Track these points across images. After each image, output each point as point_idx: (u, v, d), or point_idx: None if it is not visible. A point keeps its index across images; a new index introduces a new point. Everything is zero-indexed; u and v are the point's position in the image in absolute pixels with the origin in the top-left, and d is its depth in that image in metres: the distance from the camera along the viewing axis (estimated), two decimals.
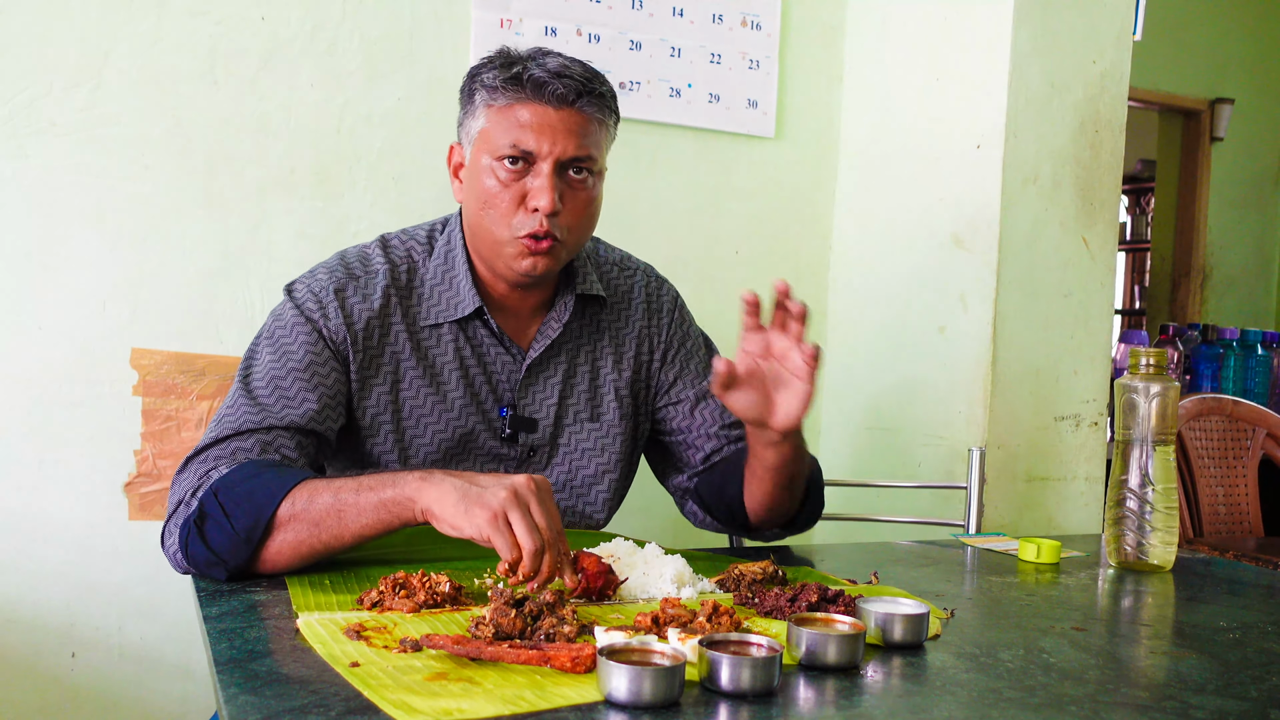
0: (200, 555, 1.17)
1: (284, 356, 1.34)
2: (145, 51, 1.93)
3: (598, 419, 1.50)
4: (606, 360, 1.51)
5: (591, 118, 1.36)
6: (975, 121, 2.17)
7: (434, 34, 2.13)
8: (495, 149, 1.34)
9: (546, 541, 1.07)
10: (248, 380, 1.33)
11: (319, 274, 1.41)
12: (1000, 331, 2.14)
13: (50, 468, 1.91)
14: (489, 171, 1.35)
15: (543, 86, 1.32)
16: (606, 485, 1.51)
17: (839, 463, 2.50)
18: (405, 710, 0.78)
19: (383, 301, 1.40)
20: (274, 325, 1.38)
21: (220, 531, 1.16)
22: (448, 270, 1.43)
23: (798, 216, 2.51)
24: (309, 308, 1.37)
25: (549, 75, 1.33)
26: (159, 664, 1.98)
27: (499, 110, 1.34)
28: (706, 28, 2.36)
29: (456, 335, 1.43)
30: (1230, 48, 4.90)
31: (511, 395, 1.45)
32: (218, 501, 1.17)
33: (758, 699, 0.84)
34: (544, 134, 1.33)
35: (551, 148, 1.33)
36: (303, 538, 1.16)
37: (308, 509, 1.16)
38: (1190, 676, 0.97)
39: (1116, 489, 1.47)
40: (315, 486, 1.17)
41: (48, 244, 1.89)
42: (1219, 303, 5.00)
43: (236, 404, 1.31)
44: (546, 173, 1.33)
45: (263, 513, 1.15)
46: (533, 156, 1.33)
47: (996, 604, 1.23)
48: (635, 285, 1.57)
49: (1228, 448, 2.55)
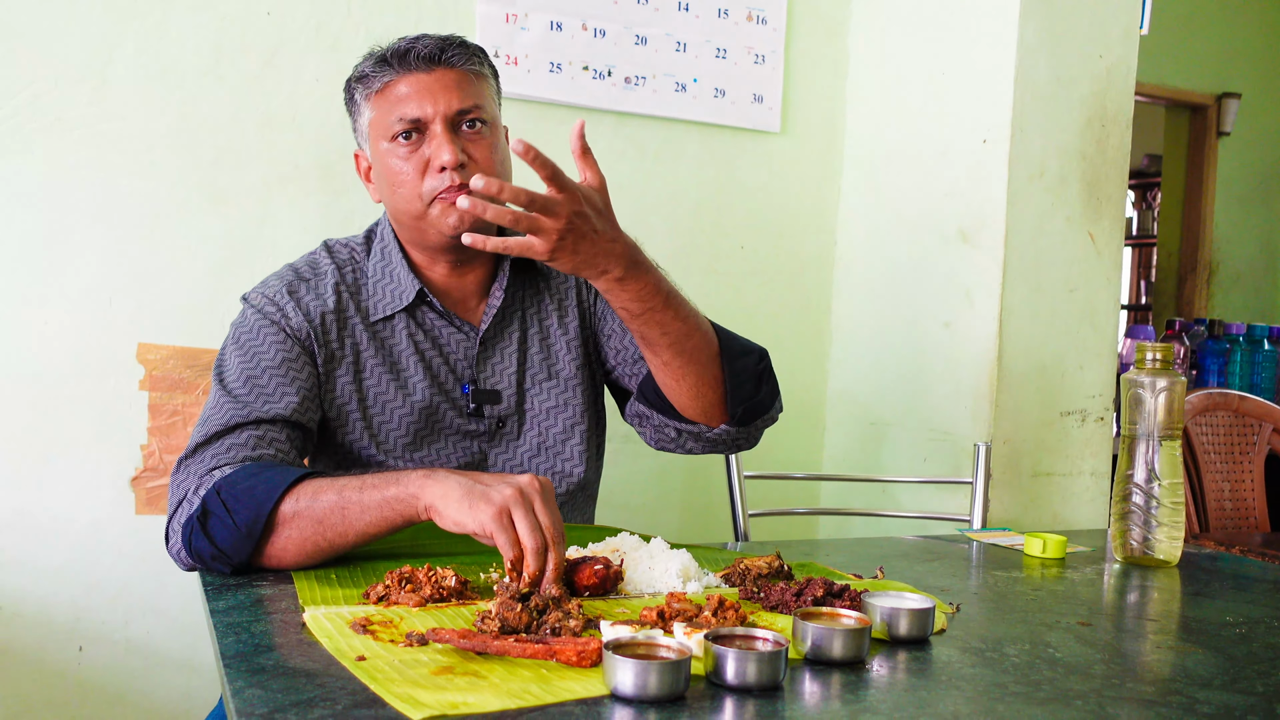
0: (204, 550, 1.18)
1: (255, 357, 1.36)
2: (151, 47, 1.93)
3: (554, 376, 1.52)
4: (552, 317, 1.53)
5: (465, 71, 1.39)
6: (981, 116, 2.17)
7: (439, 28, 2.12)
8: (386, 129, 1.38)
9: (550, 540, 1.07)
10: (223, 382, 1.35)
11: (270, 281, 1.44)
12: (1006, 327, 2.13)
13: (57, 463, 1.91)
14: (389, 154, 1.39)
15: (406, 54, 1.37)
16: (579, 438, 1.52)
17: (844, 458, 2.50)
18: (411, 704, 0.78)
19: (335, 298, 1.43)
20: (238, 332, 1.40)
21: (223, 527, 1.17)
22: (385, 264, 1.46)
23: (803, 211, 2.51)
24: (269, 310, 1.40)
25: (408, 45, 1.38)
26: (164, 658, 1.99)
27: (377, 95, 1.39)
28: (712, 22, 2.35)
29: (408, 323, 1.45)
30: (1237, 42, 4.88)
31: (471, 371, 1.47)
32: (220, 499, 1.18)
33: (763, 693, 0.84)
34: (424, 97, 1.36)
35: (435, 107, 1.36)
36: (307, 535, 1.16)
37: (311, 506, 1.16)
38: (1196, 671, 0.97)
39: (1122, 484, 1.47)
40: (319, 484, 1.18)
41: (53, 239, 1.89)
42: (1225, 298, 4.99)
43: (219, 404, 1.32)
44: (440, 131, 1.36)
45: (263, 507, 1.16)
46: (422, 123, 1.37)
47: (1002, 599, 1.23)
48: None
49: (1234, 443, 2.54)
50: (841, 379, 2.53)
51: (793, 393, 2.50)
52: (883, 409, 2.40)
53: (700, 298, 1.73)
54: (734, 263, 2.44)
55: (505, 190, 1.11)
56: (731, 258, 2.44)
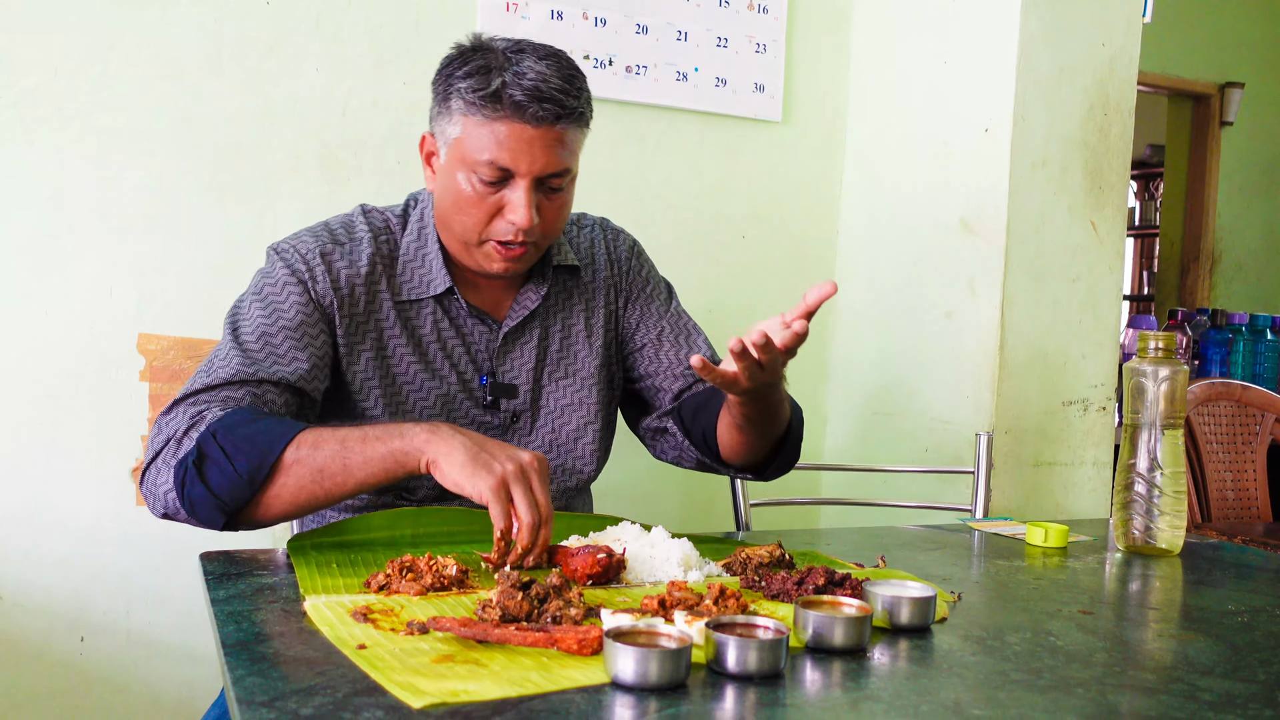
0: (199, 496, 1.17)
1: (274, 313, 1.35)
2: (151, 38, 1.93)
3: (572, 375, 1.52)
4: (579, 318, 1.53)
5: (568, 131, 1.34)
6: (983, 105, 2.16)
7: (439, 19, 2.12)
8: (472, 163, 1.33)
9: (543, 518, 1.10)
10: (237, 332, 1.33)
11: (304, 237, 1.42)
12: (1008, 316, 2.13)
13: (58, 454, 1.91)
14: (465, 180, 1.34)
15: (522, 109, 1.30)
16: (591, 437, 1.53)
17: (846, 447, 2.50)
18: (412, 692, 0.78)
19: (369, 269, 1.41)
20: (262, 282, 1.38)
21: (221, 473, 1.16)
22: (420, 248, 1.45)
23: (804, 201, 2.51)
24: (298, 268, 1.38)
25: (528, 97, 1.30)
26: (166, 648, 1.99)
27: (477, 125, 1.32)
28: (713, 11, 2.34)
29: (434, 309, 1.45)
30: (1240, 31, 4.87)
31: (490, 364, 1.47)
32: (217, 443, 1.17)
33: (764, 681, 0.84)
34: (521, 153, 1.31)
35: (530, 165, 1.32)
36: (304, 484, 1.17)
37: (312, 456, 1.17)
38: (1197, 660, 0.97)
39: (1124, 473, 1.47)
40: (320, 434, 1.19)
41: (54, 231, 1.89)
42: (1228, 287, 4.98)
43: (228, 354, 1.31)
44: (524, 188, 1.33)
45: (267, 456, 1.16)
46: (510, 173, 1.33)
47: (1004, 588, 1.23)
48: (595, 240, 1.58)
49: (1236, 432, 2.54)
50: (843, 368, 2.53)
51: (794, 382, 2.49)
52: (884, 399, 2.40)
53: (702, 288, 1.73)
54: (735, 252, 2.43)
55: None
56: (733, 247, 2.43)
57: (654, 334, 1.57)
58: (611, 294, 1.57)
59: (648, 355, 1.57)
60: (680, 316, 1.60)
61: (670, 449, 1.59)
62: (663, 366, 1.56)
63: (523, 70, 1.31)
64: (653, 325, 1.57)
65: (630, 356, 1.58)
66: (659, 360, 1.56)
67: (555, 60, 1.35)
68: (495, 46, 1.36)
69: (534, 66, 1.31)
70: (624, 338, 1.58)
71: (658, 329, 1.57)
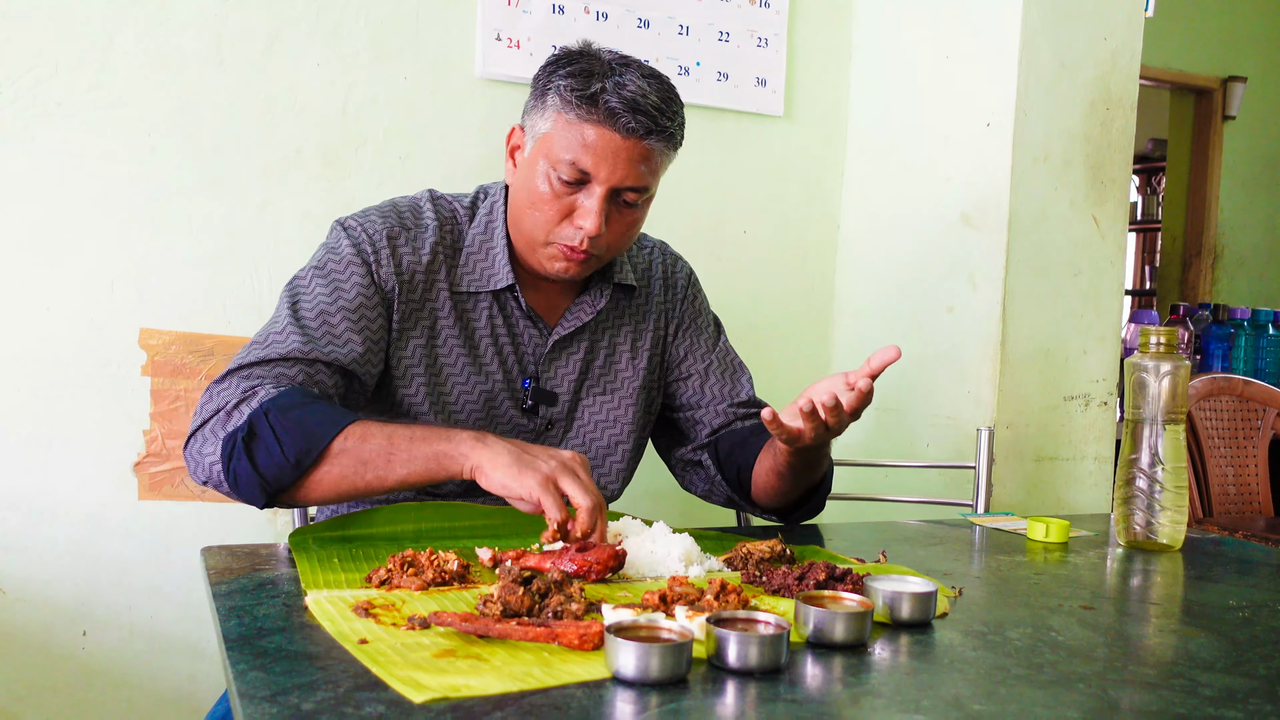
0: (244, 473, 1.20)
1: (335, 291, 1.36)
2: (151, 32, 1.92)
3: (611, 392, 1.53)
4: (625, 337, 1.55)
5: (655, 149, 1.35)
6: (985, 100, 2.16)
7: (440, 14, 2.12)
8: (555, 160, 1.34)
9: (598, 503, 1.13)
10: (296, 307, 1.35)
11: (372, 216, 1.42)
12: (1009, 311, 2.13)
13: (60, 448, 1.91)
14: (544, 176, 1.35)
15: (615, 116, 1.31)
16: (620, 456, 1.54)
17: (847, 442, 2.50)
18: (413, 686, 0.78)
19: (430, 258, 1.42)
20: (327, 257, 1.39)
21: (269, 454, 1.19)
22: (486, 241, 1.45)
23: (806, 195, 2.50)
24: (364, 249, 1.39)
25: (624, 106, 1.31)
26: (169, 642, 1.99)
27: (567, 123, 1.33)
28: (715, 5, 2.34)
29: (491, 305, 1.45)
30: (1243, 25, 4.86)
31: (535, 368, 1.48)
32: (268, 423, 1.19)
33: (765, 676, 0.84)
34: (604, 159, 1.32)
35: (610, 174, 1.33)
36: (347, 474, 1.19)
37: (360, 447, 1.19)
38: (1199, 655, 0.97)
39: (1126, 468, 1.47)
40: (369, 427, 1.20)
41: (55, 225, 1.89)
42: (1230, 282, 4.98)
43: (285, 329, 1.32)
44: (599, 195, 1.34)
45: (316, 443, 1.18)
46: (589, 177, 1.34)
47: (1005, 583, 1.23)
48: (653, 263, 1.60)
49: (1238, 427, 2.54)
50: (844, 363, 2.52)
51: (795, 377, 2.50)
52: (886, 393, 2.40)
53: (703, 282, 1.73)
54: (737, 247, 2.43)
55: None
56: (735, 242, 2.43)
57: (701, 366, 1.58)
58: (662, 319, 1.58)
59: (692, 386, 1.58)
60: (728, 353, 1.62)
61: (701, 483, 1.61)
62: (706, 400, 1.58)
63: (624, 81, 1.32)
64: (701, 357, 1.59)
65: (673, 384, 1.59)
66: (703, 393, 1.58)
67: (657, 80, 1.36)
68: (601, 55, 1.37)
69: (635, 80, 1.33)
70: (669, 365, 1.59)
71: (705, 362, 1.59)
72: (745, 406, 1.58)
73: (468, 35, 2.14)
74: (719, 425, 1.57)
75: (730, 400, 1.58)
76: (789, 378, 2.44)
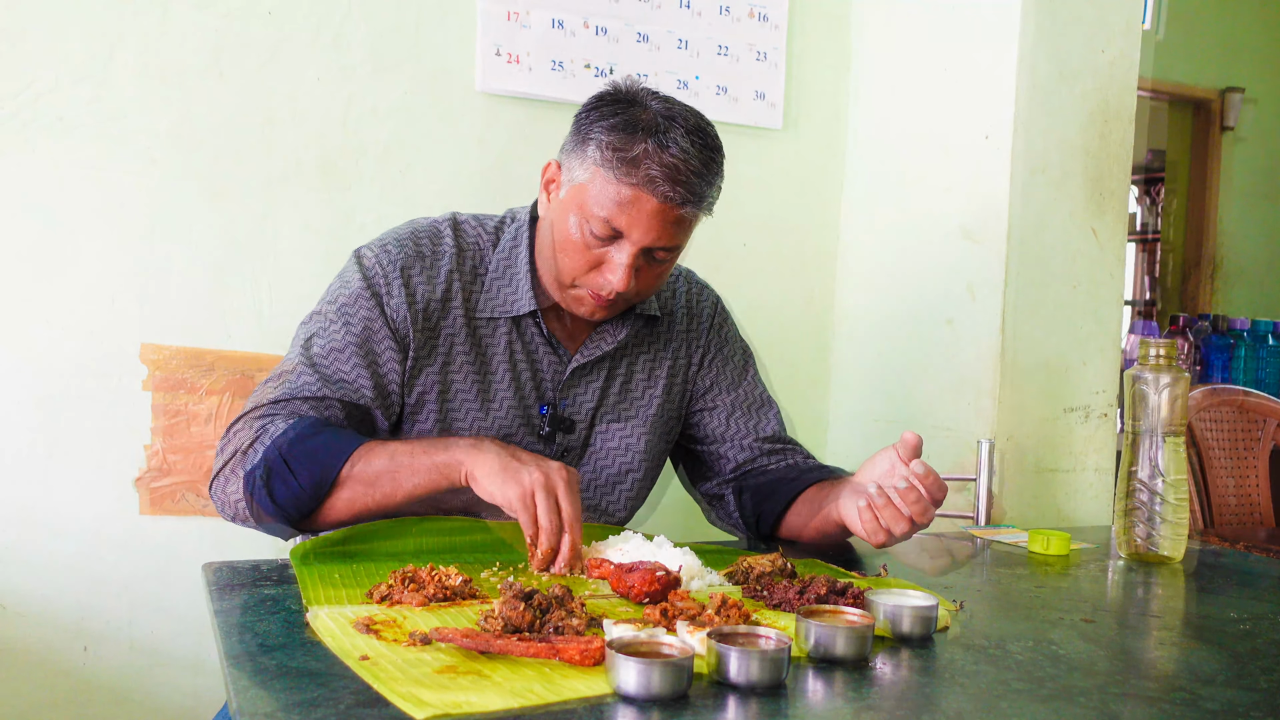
0: (266, 508, 1.26)
1: (345, 328, 1.38)
2: (151, 45, 1.93)
3: (625, 420, 1.52)
4: (643, 366, 1.54)
5: (691, 214, 1.35)
6: (984, 112, 2.16)
7: (440, 26, 2.13)
8: (589, 214, 1.32)
9: (566, 524, 1.17)
10: (308, 345, 1.38)
11: (389, 245, 1.42)
12: (1009, 323, 2.13)
13: (61, 463, 1.91)
14: (577, 226, 1.34)
15: (655, 184, 1.29)
16: (630, 484, 1.53)
17: (847, 455, 2.50)
18: (414, 703, 0.78)
19: (445, 286, 1.42)
20: (339, 291, 1.41)
21: (286, 487, 1.24)
22: (510, 266, 1.45)
23: (806, 208, 2.51)
24: (376, 282, 1.39)
25: (664, 176, 1.29)
26: (170, 657, 1.99)
27: (605, 180, 1.31)
28: (714, 20, 2.35)
29: (510, 330, 1.45)
30: (1241, 37, 4.87)
31: (554, 395, 1.47)
32: (282, 458, 1.25)
33: (767, 692, 0.84)
34: (639, 223, 1.31)
35: (643, 236, 1.32)
36: (358, 496, 1.25)
37: (365, 470, 1.25)
38: (1200, 668, 0.97)
39: (1126, 481, 1.47)
40: (373, 448, 1.26)
41: (55, 239, 1.89)
42: (1230, 293, 4.98)
43: (297, 369, 1.35)
44: (630, 253, 1.33)
45: (329, 472, 1.24)
46: (622, 235, 1.33)
47: (1006, 596, 1.23)
48: (677, 292, 1.59)
49: (1238, 439, 2.54)
50: (844, 375, 2.53)
51: (796, 390, 2.50)
52: (886, 406, 2.40)
53: None
54: (737, 260, 2.44)
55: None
56: (734, 255, 2.43)
57: (726, 399, 1.57)
58: (684, 349, 1.57)
59: (717, 419, 1.57)
60: (756, 386, 1.61)
61: (723, 518, 1.62)
62: (730, 433, 1.57)
63: (667, 143, 1.29)
64: (726, 389, 1.58)
65: (697, 415, 1.58)
66: (728, 427, 1.57)
67: (701, 138, 1.33)
68: (649, 104, 1.34)
69: (679, 142, 1.30)
70: (694, 395, 1.58)
71: (731, 395, 1.58)
72: (771, 442, 1.57)
73: (467, 48, 2.14)
74: (742, 461, 1.56)
75: (755, 435, 1.57)
76: (788, 391, 2.44)
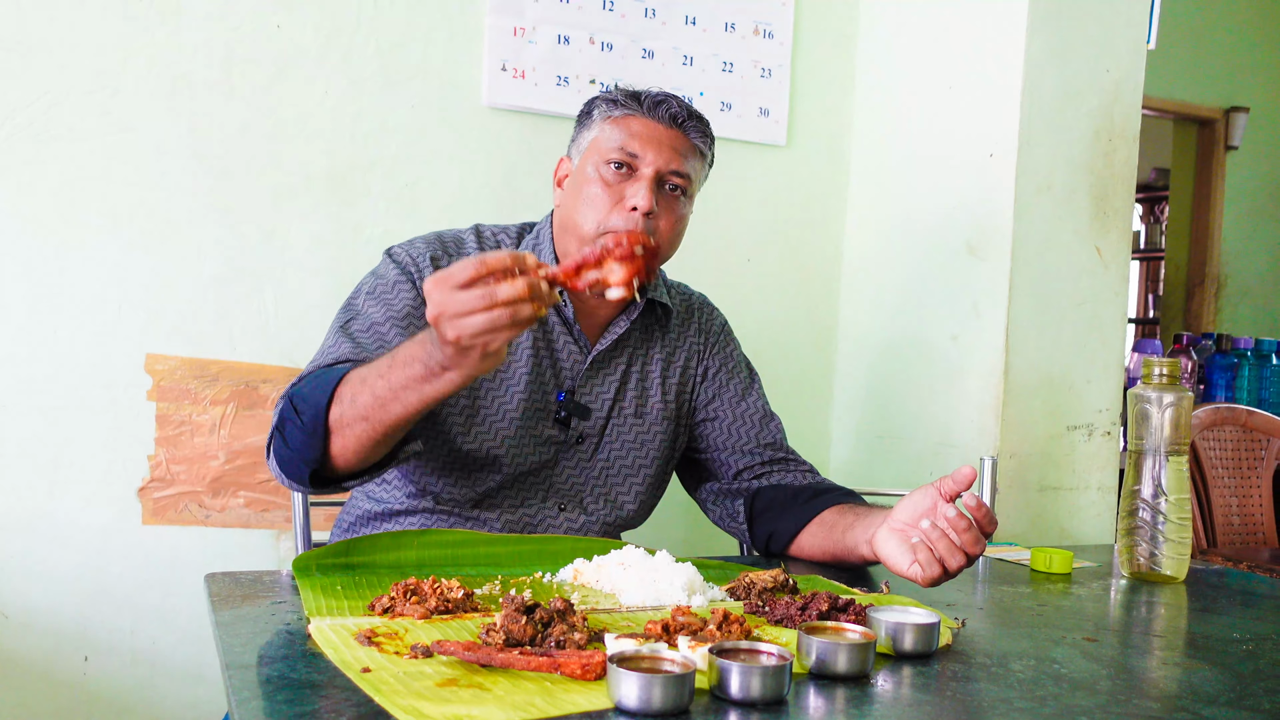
0: (284, 456, 1.30)
1: (386, 308, 1.44)
2: (162, 58, 1.94)
3: (641, 416, 1.57)
4: (657, 366, 1.59)
5: (693, 144, 1.50)
6: (988, 129, 2.17)
7: (448, 42, 2.14)
8: (604, 153, 1.46)
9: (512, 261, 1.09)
10: (347, 325, 1.43)
11: (416, 243, 1.52)
12: (1012, 340, 2.13)
13: (65, 472, 1.92)
14: (594, 176, 1.46)
15: (658, 104, 1.48)
16: (641, 478, 1.58)
17: (850, 470, 2.50)
18: (416, 716, 0.78)
19: None
20: (375, 282, 1.48)
21: (296, 429, 1.28)
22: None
23: (809, 224, 2.51)
24: (409, 268, 1.47)
25: (664, 106, 1.48)
26: (171, 668, 1.99)
27: (614, 121, 1.48)
28: (719, 36, 2.36)
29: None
30: (1245, 56, 4.88)
31: (573, 383, 1.53)
32: (292, 405, 1.28)
33: (768, 707, 0.84)
34: (650, 144, 1.46)
35: (655, 158, 1.45)
36: (357, 431, 1.24)
37: (354, 406, 1.23)
38: (1202, 688, 0.97)
39: (1129, 499, 1.47)
40: (352, 382, 1.24)
41: (63, 249, 1.90)
42: (1234, 312, 4.98)
43: (337, 341, 1.40)
44: (647, 177, 1.45)
45: (319, 405, 1.25)
46: (636, 163, 1.45)
47: (1008, 614, 1.23)
48: (690, 305, 1.68)
49: (1242, 458, 2.54)
50: (847, 391, 2.53)
51: (799, 404, 2.50)
52: (889, 421, 2.40)
53: None
54: (741, 275, 2.44)
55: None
56: (738, 271, 2.44)
57: (729, 410, 1.63)
58: (693, 361, 1.63)
59: (720, 428, 1.62)
60: (760, 399, 1.66)
61: (725, 519, 1.64)
62: (732, 441, 1.61)
63: (663, 97, 1.50)
64: (729, 401, 1.63)
65: (700, 425, 1.63)
66: (730, 434, 1.62)
67: (692, 104, 1.54)
68: (639, 89, 1.53)
69: (674, 100, 1.50)
70: (697, 406, 1.63)
71: (735, 407, 1.63)
72: (773, 449, 1.61)
73: (475, 63, 2.15)
74: (742, 466, 1.60)
75: (757, 442, 1.61)
76: (792, 406, 2.44)
